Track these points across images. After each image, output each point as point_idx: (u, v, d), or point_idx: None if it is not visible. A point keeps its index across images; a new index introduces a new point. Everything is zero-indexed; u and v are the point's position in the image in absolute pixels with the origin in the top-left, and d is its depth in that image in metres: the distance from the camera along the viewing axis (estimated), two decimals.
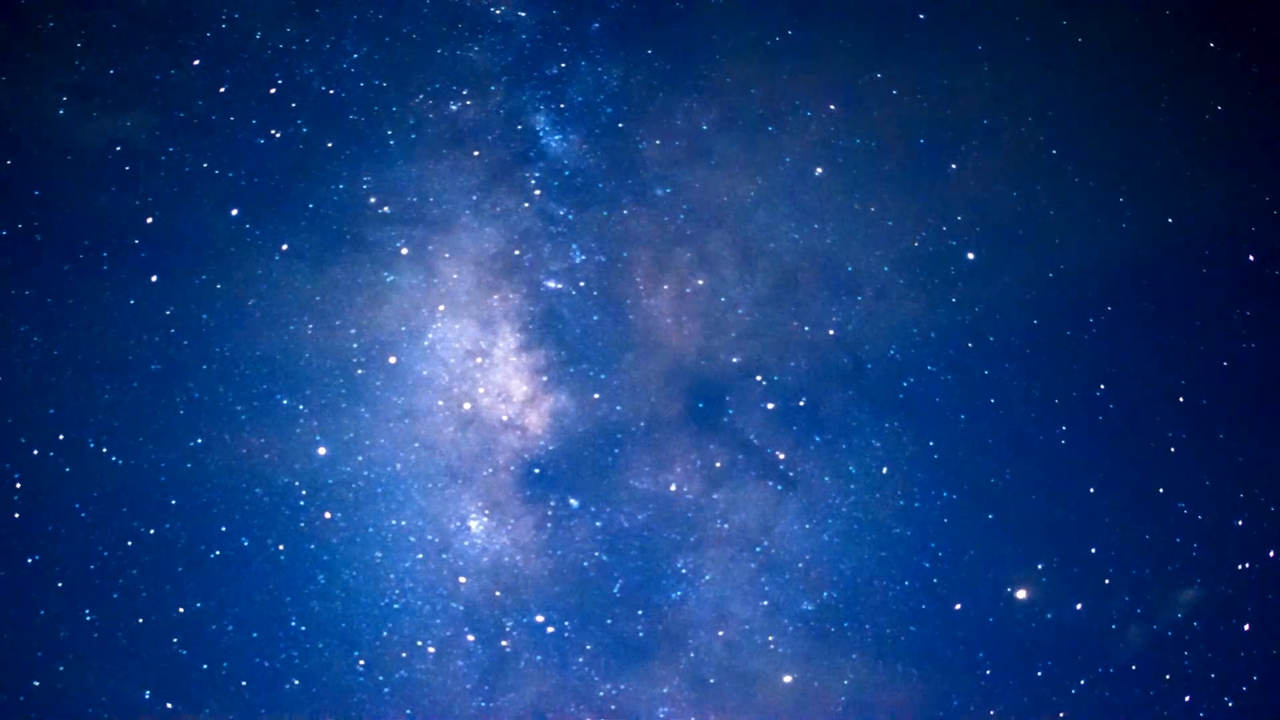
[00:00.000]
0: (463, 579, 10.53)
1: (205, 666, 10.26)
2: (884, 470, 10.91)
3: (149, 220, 10.21)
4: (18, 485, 10.12)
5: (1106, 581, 10.93)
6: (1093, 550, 10.95)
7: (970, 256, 10.99)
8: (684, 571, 10.78)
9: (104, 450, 10.20)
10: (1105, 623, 10.94)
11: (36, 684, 10.07)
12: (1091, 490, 11.02)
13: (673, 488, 10.79)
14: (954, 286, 10.93)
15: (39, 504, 10.16)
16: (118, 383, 10.24)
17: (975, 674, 10.81)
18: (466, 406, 10.58)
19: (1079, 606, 10.90)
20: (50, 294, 10.18)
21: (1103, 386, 11.07)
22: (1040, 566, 10.92)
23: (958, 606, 10.84)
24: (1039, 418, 11.03)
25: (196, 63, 10.21)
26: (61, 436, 10.17)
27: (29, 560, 10.12)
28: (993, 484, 10.99)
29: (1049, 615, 10.88)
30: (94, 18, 10.18)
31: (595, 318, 10.80)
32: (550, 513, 10.69)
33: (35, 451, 10.14)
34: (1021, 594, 10.90)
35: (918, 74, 10.91)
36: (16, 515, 10.12)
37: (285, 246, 10.33)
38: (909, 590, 10.86)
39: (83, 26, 10.11)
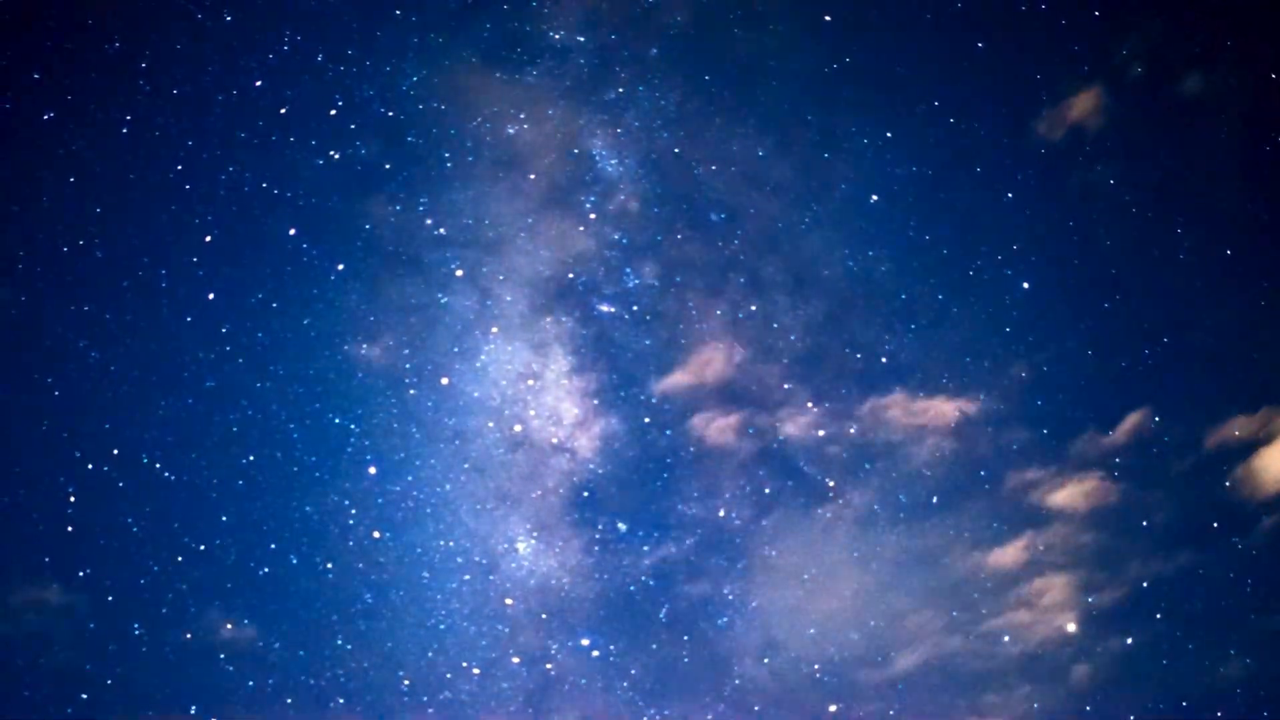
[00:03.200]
0: (509, 601, 10.53)
1: (251, 683, 10.30)
2: (934, 499, 10.85)
3: (207, 239, 10.34)
4: (71, 499, 10.23)
5: (1158, 616, 10.82)
6: (1144, 584, 10.84)
7: (1025, 286, 10.95)
8: (730, 598, 10.75)
9: (157, 465, 10.30)
10: (1157, 658, 10.82)
11: (84, 696, 10.14)
12: (1144, 524, 10.92)
13: (721, 513, 10.77)
14: (1009, 316, 10.90)
15: (91, 517, 10.25)
16: (172, 399, 10.36)
17: (1023, 707, 10.71)
18: (517, 428, 10.62)
19: (1129, 640, 10.78)
20: (108, 310, 10.32)
21: (1157, 419, 10.97)
22: (1091, 600, 10.83)
23: (1005, 639, 10.75)
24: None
25: (259, 84, 10.34)
26: (115, 451, 10.28)
27: (80, 574, 10.22)
28: (1044, 514, 10.91)
29: (1099, 648, 10.77)
30: (158, 39, 10.34)
31: (647, 342, 10.83)
32: (598, 536, 10.70)
33: (90, 466, 10.25)
34: (1071, 627, 10.79)
35: (974, 102, 10.89)
36: (70, 528, 10.21)
37: (341, 266, 10.42)
38: (956, 621, 10.77)
39: (147, 48, 10.26)
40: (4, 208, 10.23)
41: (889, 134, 10.78)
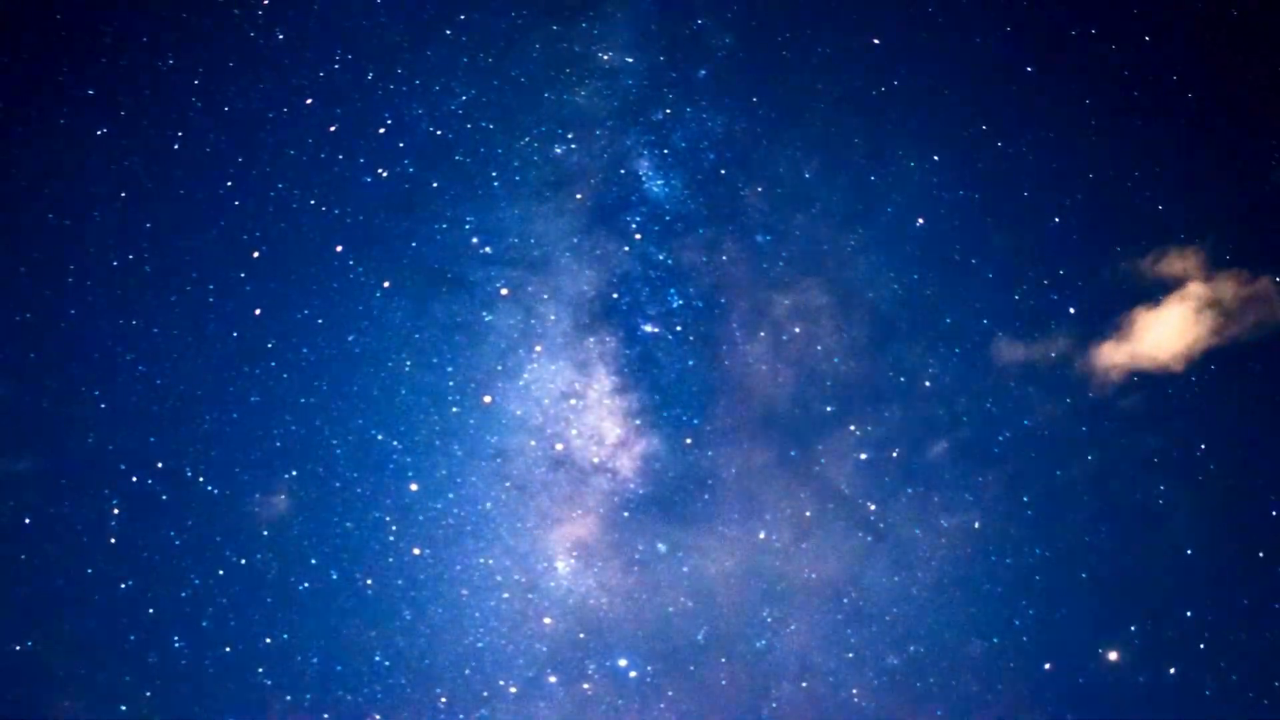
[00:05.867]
0: (547, 620, 10.50)
1: (289, 698, 10.30)
2: (976, 525, 10.76)
3: (255, 255, 10.39)
4: (115, 511, 10.28)
5: (1201, 646, 10.67)
6: (1189, 614, 10.70)
7: (1071, 311, 10.87)
8: (769, 620, 10.67)
9: (200, 479, 10.34)
10: (1200, 689, 10.67)
11: (124, 708, 10.17)
12: (1189, 552, 10.80)
13: (761, 535, 10.70)
14: (1054, 341, 10.81)
15: (135, 530, 10.31)
16: (217, 413, 10.40)
17: None
18: (559, 448, 10.60)
19: (1172, 670, 10.65)
20: (156, 324, 10.38)
21: (1203, 446, 10.85)
22: (1134, 628, 10.69)
23: (1047, 666, 10.64)
24: (1136, 476, 10.85)
25: (309, 102, 10.40)
26: (160, 465, 10.33)
27: (122, 586, 10.26)
28: (1087, 542, 10.79)
29: (1141, 679, 10.64)
30: (210, 57, 10.43)
31: (690, 363, 10.80)
32: (638, 556, 10.64)
33: (134, 479, 10.30)
34: (1113, 656, 10.66)
35: (1022, 126, 10.84)
36: (113, 540, 10.27)
37: (387, 284, 10.45)
38: (997, 648, 10.67)
39: (200, 64, 10.33)
40: (56, 221, 10.34)
41: (936, 157, 10.77)
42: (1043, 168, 10.86)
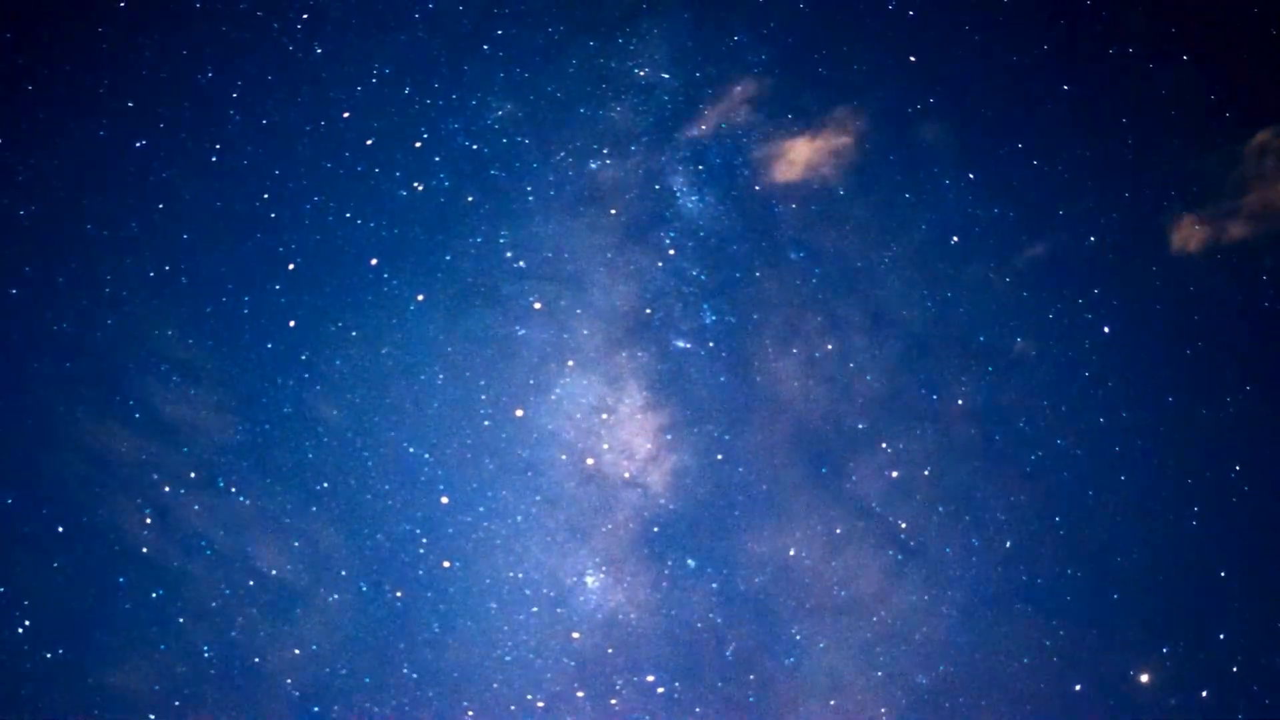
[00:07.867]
0: (576, 634, 10.48)
1: (316, 709, 10.31)
2: (1007, 544, 10.72)
3: (290, 267, 10.43)
4: (147, 520, 10.32)
5: (1235, 669, 10.60)
6: (1221, 636, 10.63)
7: (1106, 330, 10.82)
8: (798, 638, 10.66)
9: (232, 490, 10.38)
10: (1232, 712, 10.59)
11: (152, 717, 10.19)
12: (1222, 574, 10.72)
13: (791, 552, 10.68)
14: (1088, 360, 10.78)
15: (166, 539, 10.34)
16: (249, 424, 10.43)
17: None
18: (590, 462, 10.59)
19: (1204, 694, 10.57)
20: (191, 335, 10.43)
21: (1237, 468, 10.80)
22: (1165, 650, 10.63)
23: (1077, 688, 10.58)
24: (1170, 497, 10.79)
25: (346, 115, 10.45)
26: (193, 474, 10.36)
27: (153, 595, 10.28)
28: (1119, 563, 10.74)
29: (1173, 701, 10.57)
30: (250, 70, 10.51)
31: (722, 379, 10.79)
32: (667, 572, 10.64)
33: (166, 489, 10.33)
34: (1145, 678, 10.60)
35: (1059, 144, 10.83)
36: (145, 550, 10.30)
37: (421, 297, 10.47)
38: (1027, 668, 10.61)
39: (240, 78, 10.42)
40: (94, 231, 10.41)
41: (970, 175, 10.79)
42: (1078, 185, 10.86)
